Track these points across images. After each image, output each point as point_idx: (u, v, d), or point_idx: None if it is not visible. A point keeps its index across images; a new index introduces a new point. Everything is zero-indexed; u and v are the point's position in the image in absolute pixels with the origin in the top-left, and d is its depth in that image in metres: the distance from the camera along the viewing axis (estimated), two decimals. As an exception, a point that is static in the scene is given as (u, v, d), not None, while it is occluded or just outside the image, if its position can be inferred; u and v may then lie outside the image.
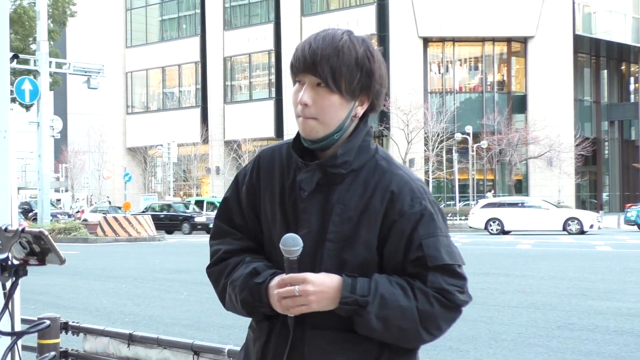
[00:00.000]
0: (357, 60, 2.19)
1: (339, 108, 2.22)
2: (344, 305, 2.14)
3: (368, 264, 2.21)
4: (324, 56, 2.17)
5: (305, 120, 2.22)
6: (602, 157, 61.18)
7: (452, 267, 2.21)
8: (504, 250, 24.80)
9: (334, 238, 2.21)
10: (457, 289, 2.21)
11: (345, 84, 2.19)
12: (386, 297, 2.14)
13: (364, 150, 2.28)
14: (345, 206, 2.22)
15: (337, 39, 2.20)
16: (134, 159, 67.33)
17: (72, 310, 11.77)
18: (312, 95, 2.20)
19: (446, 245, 2.22)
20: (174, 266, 19.50)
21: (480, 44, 56.44)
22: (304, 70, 2.21)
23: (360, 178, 2.25)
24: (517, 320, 10.45)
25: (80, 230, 33.81)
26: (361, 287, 2.15)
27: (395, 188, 2.23)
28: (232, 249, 2.37)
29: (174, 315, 11.22)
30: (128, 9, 69.44)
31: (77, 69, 36.58)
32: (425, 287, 2.18)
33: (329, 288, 2.14)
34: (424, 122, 50.58)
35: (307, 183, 2.25)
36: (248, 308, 2.28)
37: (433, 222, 2.22)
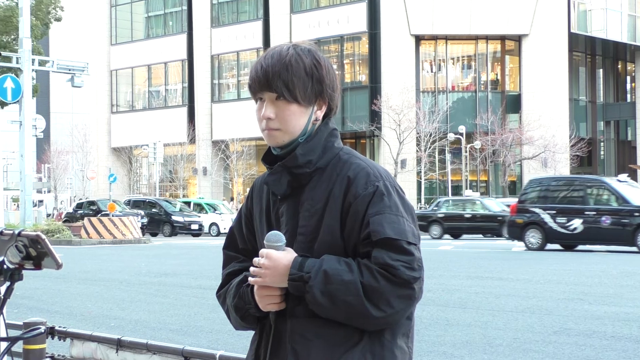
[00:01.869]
0: (306, 70, 2.45)
1: (299, 115, 2.46)
2: (292, 282, 2.34)
3: (334, 251, 2.39)
4: (275, 72, 2.43)
5: (270, 132, 2.47)
6: (598, 158, 61.34)
7: (398, 242, 2.32)
8: (499, 254, 24.84)
9: (304, 231, 2.44)
10: (403, 264, 2.31)
11: (299, 93, 2.44)
12: (329, 272, 2.31)
13: (328, 150, 2.50)
14: (312, 201, 2.45)
15: (284, 54, 2.45)
16: (119, 159, 67.21)
17: (56, 314, 11.73)
18: (273, 109, 2.45)
19: (394, 222, 2.35)
20: (161, 269, 19.46)
21: (473, 42, 56.54)
22: (260, 88, 2.46)
23: (325, 174, 2.47)
24: (513, 325, 10.46)
25: (63, 232, 33.70)
26: (309, 265, 2.34)
27: (351, 174, 2.43)
28: (235, 270, 2.63)
29: (161, 320, 11.20)
30: (113, 5, 69.32)
31: (60, 66, 36.46)
32: (370, 263, 2.32)
33: (282, 265, 2.35)
34: (416, 121, 50.65)
35: (276, 185, 2.49)
36: (240, 312, 2.51)
37: (382, 201, 2.37)
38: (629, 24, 59.94)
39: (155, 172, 57.12)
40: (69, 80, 36.39)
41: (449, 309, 11.89)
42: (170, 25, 67.16)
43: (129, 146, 65.93)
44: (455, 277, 16.66)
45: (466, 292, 13.99)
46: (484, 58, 57.00)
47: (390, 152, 49.67)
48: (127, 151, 66.13)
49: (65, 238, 32.94)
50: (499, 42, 56.77)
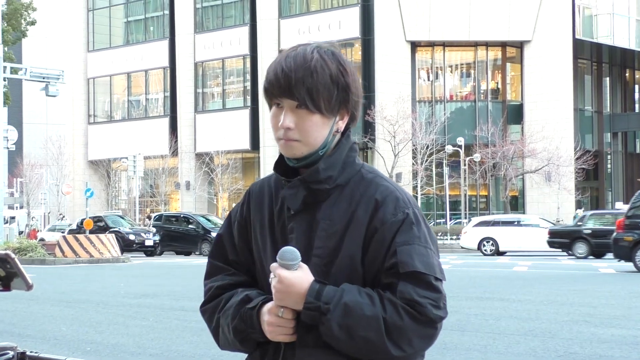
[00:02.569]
0: (332, 77, 2.36)
1: (321, 127, 2.37)
2: (307, 311, 2.25)
3: (353, 277, 2.32)
4: (299, 79, 2.32)
5: (288, 143, 2.37)
6: (604, 171, 61.52)
7: (426, 277, 2.27)
8: (499, 273, 24.86)
9: (320, 253, 2.35)
10: (430, 301, 2.26)
11: (324, 103, 2.34)
12: (350, 305, 2.24)
13: (349, 166, 2.42)
14: (330, 221, 2.36)
15: (309, 58, 2.36)
16: (96, 173, 67.10)
17: (27, 338, 11.68)
18: (293, 119, 2.35)
19: (423, 254, 2.30)
20: (140, 290, 19.42)
21: (472, 49, 56.73)
22: (281, 94, 2.35)
23: (345, 192, 2.39)
24: (514, 349, 10.46)
25: (37, 250, 33.60)
26: (327, 294, 2.25)
27: (379, 197, 2.35)
28: (225, 284, 2.52)
29: (141, 344, 11.16)
30: (90, 9, 69.35)
31: (34, 74, 36.46)
32: (395, 298, 2.25)
33: (296, 290, 2.26)
34: (412, 133, 50.72)
35: (292, 200, 2.39)
36: (240, 336, 2.40)
37: (412, 230, 2.32)
38: (637, 29, 60.25)
39: (135, 186, 57.03)
40: (43, 89, 36.39)
41: (446, 332, 11.88)
42: (151, 30, 67.21)
43: (107, 159, 65.83)
44: (453, 298, 16.64)
45: (465, 314, 13.98)
46: (484, 66, 57.18)
47: (385, 165, 49.69)
48: (105, 164, 66.03)
49: (38, 257, 32.83)
50: (500, 48, 56.97)
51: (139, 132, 63.79)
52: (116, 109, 69.14)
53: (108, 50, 67.93)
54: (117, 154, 62.98)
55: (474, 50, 56.67)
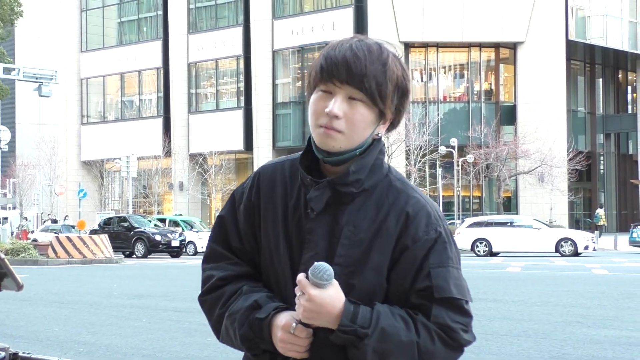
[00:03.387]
0: (398, 80, 2.27)
1: (369, 125, 2.26)
2: (342, 334, 2.15)
3: (375, 291, 2.24)
4: (372, 70, 2.21)
5: (329, 132, 2.22)
6: (597, 172, 61.62)
7: (460, 302, 2.23)
8: (492, 274, 24.87)
9: (342, 262, 2.24)
10: (462, 327, 2.23)
11: (387, 102, 2.24)
12: (387, 330, 2.16)
13: (376, 169, 2.31)
14: (355, 228, 2.26)
15: (384, 54, 2.26)
16: (90, 174, 67.00)
17: (20, 339, 11.65)
18: (344, 108, 2.22)
19: (456, 277, 2.26)
20: (133, 290, 19.39)
21: (466, 50, 56.77)
22: (344, 79, 2.21)
23: (372, 199, 2.28)
24: (507, 350, 10.46)
25: (29, 251, 33.53)
26: (362, 317, 2.16)
27: (411, 210, 2.27)
28: (227, 275, 2.38)
29: (134, 344, 11.14)
30: (83, 9, 69.26)
31: (27, 74, 36.40)
32: (429, 322, 2.20)
33: (327, 311, 2.14)
34: (405, 134, 50.73)
35: (317, 202, 2.27)
36: (248, 344, 2.29)
37: (446, 251, 2.25)
38: (630, 31, 60.34)
39: (128, 187, 56.96)
40: (36, 89, 36.35)
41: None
42: (144, 31, 67.13)
43: (100, 160, 65.75)
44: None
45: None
46: (477, 67, 57.23)
47: (378, 166, 49.64)
48: (98, 165, 65.94)
49: (31, 257, 32.76)
50: (493, 49, 57.02)
51: (132, 132, 63.72)
52: (109, 110, 69.05)
53: (101, 50, 67.84)
54: (110, 155, 62.91)
55: (467, 51, 56.72)
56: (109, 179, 68.32)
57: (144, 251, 38.67)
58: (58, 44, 70.76)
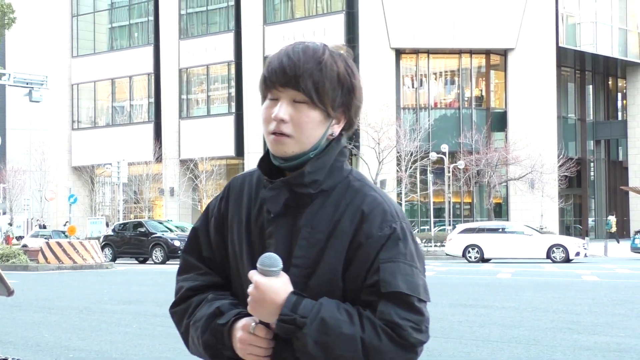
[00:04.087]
0: (340, 76, 2.25)
1: (318, 125, 2.25)
2: (282, 323, 2.14)
3: (332, 291, 2.21)
4: (307, 70, 2.21)
5: (278, 138, 2.24)
6: (587, 179, 61.78)
7: (409, 298, 2.17)
8: (483, 280, 24.89)
9: (300, 263, 2.23)
10: (412, 324, 2.16)
11: (328, 100, 2.24)
12: (327, 321, 2.13)
13: (336, 171, 2.30)
14: (312, 229, 2.24)
15: (319, 53, 2.25)
16: (80, 179, 66.88)
17: (9, 345, 11.62)
18: (289, 111, 2.23)
19: (407, 274, 2.19)
20: (124, 296, 19.35)
21: (456, 57, 56.89)
22: (284, 84, 2.23)
23: (330, 199, 2.27)
24: (498, 356, 10.47)
25: (19, 256, 33.45)
26: (304, 307, 2.14)
27: (366, 208, 2.24)
28: (196, 285, 2.38)
29: (124, 351, 11.12)
30: (74, 15, 69.17)
31: (17, 80, 36.34)
32: (375, 318, 2.15)
33: (271, 300, 2.14)
34: (397, 140, 50.76)
35: (273, 203, 2.27)
36: (211, 351, 2.28)
37: (397, 247, 2.21)
38: (620, 38, 60.54)
39: (119, 192, 56.88)
40: (27, 94, 36.29)
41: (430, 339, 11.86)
42: (135, 36, 67.09)
43: (90, 165, 65.62)
44: (437, 305, 16.65)
45: (448, 321, 13.98)
46: (468, 73, 57.35)
47: (369, 172, 49.67)
48: (89, 170, 65.81)
49: (21, 263, 32.68)
50: (484, 56, 57.16)
51: (123, 138, 63.63)
52: (100, 115, 68.96)
53: (92, 56, 67.75)
54: (101, 160, 62.78)
55: (458, 57, 56.83)
56: (100, 185, 68.21)
57: (163, 257, 37.80)
58: (49, 49, 70.66)
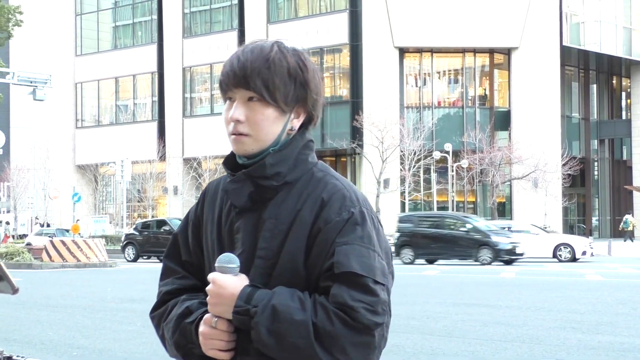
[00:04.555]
0: (290, 71, 2.27)
1: (274, 122, 2.28)
2: (236, 315, 2.16)
3: (295, 280, 2.21)
4: (255, 69, 2.25)
5: (237, 138, 2.29)
6: (591, 178, 61.70)
7: (362, 279, 2.14)
8: (486, 279, 24.87)
9: (263, 255, 2.25)
10: (365, 305, 2.12)
11: (279, 96, 2.26)
12: (278, 309, 2.13)
13: (301, 163, 2.32)
14: (276, 220, 2.26)
15: (267, 50, 2.28)
16: (84, 178, 66.91)
17: (14, 343, 11.63)
18: (244, 111, 2.28)
19: (363, 255, 2.17)
20: (127, 294, 19.36)
21: (460, 55, 56.83)
22: (235, 85, 2.28)
23: (294, 191, 2.29)
24: (501, 355, 10.46)
25: (23, 254, 33.49)
26: (258, 297, 2.16)
27: (325, 195, 2.25)
28: (172, 289, 2.43)
29: (128, 349, 11.12)
30: (78, 14, 69.20)
31: (21, 78, 36.33)
32: (327, 302, 2.14)
33: (228, 293, 2.17)
34: (400, 139, 50.76)
35: (236, 195, 2.30)
36: (182, 350, 2.32)
37: (355, 230, 2.20)
38: (624, 37, 60.45)
39: (122, 191, 56.91)
40: (31, 93, 36.27)
41: (433, 338, 11.88)
42: (139, 35, 67.10)
43: (94, 164, 65.66)
44: (440, 304, 16.65)
45: (452, 320, 13.97)
46: (472, 72, 57.28)
47: (373, 171, 49.70)
48: (93, 169, 65.85)
49: (25, 261, 32.72)
50: (488, 55, 57.09)
51: (126, 136, 63.65)
52: (104, 114, 68.98)
53: (96, 54, 67.77)
54: (104, 159, 62.81)
55: (461, 56, 56.77)
56: (104, 183, 68.24)
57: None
58: (53, 48, 70.67)
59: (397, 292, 19.14)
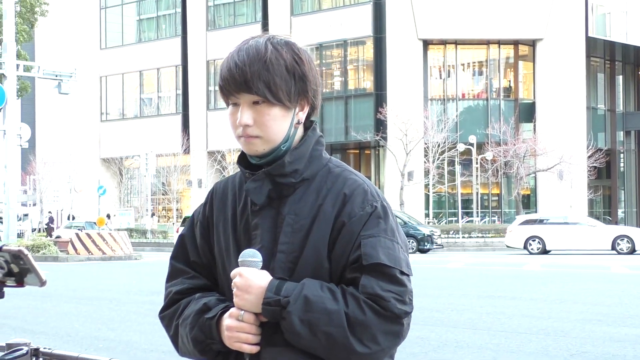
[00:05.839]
0: (288, 68, 2.31)
1: (281, 120, 2.32)
2: (267, 306, 2.20)
3: (319, 273, 2.26)
4: (254, 72, 2.28)
5: (248, 140, 2.32)
6: (617, 170, 61.30)
7: (390, 270, 2.22)
8: (511, 271, 24.77)
9: (285, 249, 2.29)
10: (394, 295, 2.20)
11: (283, 95, 2.30)
12: (311, 299, 2.18)
13: (315, 159, 2.37)
14: (296, 215, 2.30)
15: (262, 50, 2.31)
16: (109, 171, 67.24)
17: (41, 335, 11.71)
18: (251, 115, 2.30)
19: (389, 247, 2.25)
20: (152, 287, 19.43)
21: (484, 47, 56.59)
22: (237, 90, 2.31)
23: (312, 186, 2.34)
24: (526, 348, 10.44)
25: (49, 247, 33.70)
26: (287, 288, 2.20)
27: (347, 190, 2.30)
28: (183, 289, 2.47)
29: (153, 341, 11.17)
30: (102, 7, 69.49)
31: (47, 72, 36.52)
32: (357, 292, 2.19)
33: (256, 285, 2.21)
34: (424, 131, 50.65)
35: (256, 194, 2.34)
36: (200, 346, 2.34)
37: (379, 224, 2.27)
38: (650, 27, 59.94)
39: (147, 184, 57.11)
40: (56, 87, 36.45)
41: (458, 330, 11.87)
42: (163, 28, 67.28)
43: (119, 157, 65.96)
44: (465, 296, 16.63)
45: (477, 312, 13.95)
46: (496, 64, 57.03)
47: (397, 164, 49.63)
48: (118, 162, 66.15)
49: (51, 254, 32.93)
50: (512, 46, 56.80)
51: (151, 129, 63.87)
52: (128, 107, 69.24)
53: (120, 48, 68.04)
54: (129, 152, 63.11)
55: (486, 48, 56.53)
56: (128, 176, 68.52)
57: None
58: (78, 41, 70.93)
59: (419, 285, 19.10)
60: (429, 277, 20.92)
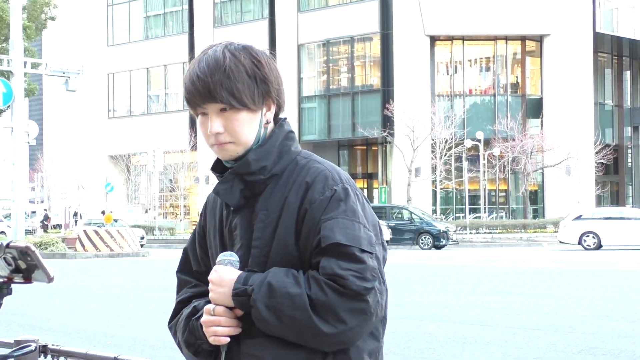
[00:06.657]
0: (248, 73, 2.38)
1: (250, 123, 2.39)
2: (236, 297, 2.27)
3: (289, 262, 2.32)
4: (216, 82, 2.35)
5: (222, 147, 2.40)
6: (625, 165, 61.18)
7: (348, 248, 2.25)
8: (519, 267, 24.75)
9: (258, 244, 2.36)
10: (353, 273, 2.22)
11: (247, 99, 2.36)
12: (274, 284, 2.24)
13: (285, 154, 2.43)
14: (267, 211, 2.38)
15: (221, 59, 2.38)
16: (116, 168, 67.30)
17: (49, 331, 11.73)
18: (220, 122, 2.38)
19: (347, 227, 2.28)
20: (160, 284, 19.46)
21: (492, 43, 56.51)
22: (203, 101, 2.38)
23: (281, 181, 2.40)
24: (534, 344, 10.42)
25: (57, 244, 33.76)
26: (254, 278, 2.28)
27: (309, 179, 2.36)
28: (185, 297, 2.56)
29: (161, 337, 11.17)
30: (109, 4, 69.53)
31: (54, 69, 36.55)
32: (318, 275, 2.24)
33: (227, 279, 2.29)
34: (431, 127, 50.61)
35: (227, 195, 2.41)
36: (192, 348, 2.45)
37: (339, 206, 2.31)
38: (658, 23, 59.78)
39: (154, 181, 57.17)
40: (64, 84, 36.49)
41: (466, 326, 11.86)
42: (170, 25, 67.31)
43: (126, 154, 66.00)
44: (473, 292, 16.62)
45: (485, 308, 13.94)
46: (503, 59, 56.94)
47: (404, 160, 49.60)
48: (125, 159, 66.19)
49: (59, 251, 33.00)
50: (519, 42, 56.71)
51: (158, 126, 63.89)
52: (136, 104, 69.28)
53: (127, 45, 68.08)
54: (136, 149, 63.16)
55: (493, 44, 56.44)
56: (136, 173, 68.58)
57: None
58: (85, 38, 71.02)
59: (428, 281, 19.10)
60: (436, 274, 20.88)
